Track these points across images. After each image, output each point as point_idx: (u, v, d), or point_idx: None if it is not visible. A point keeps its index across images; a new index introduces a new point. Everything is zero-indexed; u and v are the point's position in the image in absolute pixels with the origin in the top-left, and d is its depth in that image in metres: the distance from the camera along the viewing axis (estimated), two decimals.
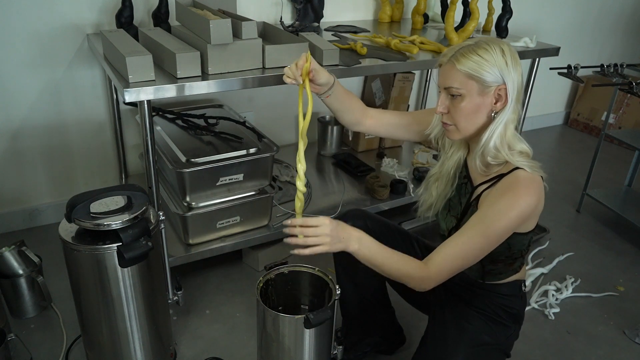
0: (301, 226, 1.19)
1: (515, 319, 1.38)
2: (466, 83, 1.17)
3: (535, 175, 1.19)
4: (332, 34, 2.23)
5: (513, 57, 1.17)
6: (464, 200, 1.33)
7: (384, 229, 1.50)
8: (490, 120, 1.21)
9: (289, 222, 1.20)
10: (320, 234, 1.18)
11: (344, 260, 1.47)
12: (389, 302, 1.64)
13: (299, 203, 1.29)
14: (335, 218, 1.36)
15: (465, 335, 1.29)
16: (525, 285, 1.41)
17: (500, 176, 1.22)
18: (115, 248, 1.29)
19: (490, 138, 1.20)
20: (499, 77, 1.16)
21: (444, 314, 1.38)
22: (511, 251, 1.28)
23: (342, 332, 1.65)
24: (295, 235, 1.20)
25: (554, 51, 2.28)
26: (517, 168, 1.20)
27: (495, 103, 1.19)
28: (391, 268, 1.22)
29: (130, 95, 1.43)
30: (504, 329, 1.35)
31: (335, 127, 2.62)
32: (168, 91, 1.49)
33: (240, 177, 1.87)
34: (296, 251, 1.20)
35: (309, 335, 1.35)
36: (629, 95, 3.03)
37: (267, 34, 1.94)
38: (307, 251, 1.19)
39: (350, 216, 1.48)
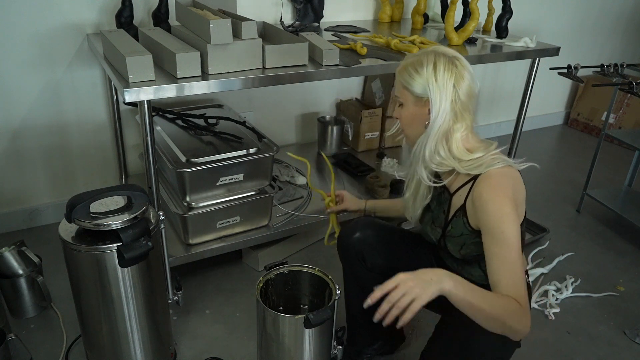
0: (383, 296, 1.09)
1: None
2: (403, 93, 1.25)
3: (505, 168, 1.19)
4: (332, 34, 2.23)
5: (447, 70, 1.18)
6: (445, 208, 1.34)
7: (398, 237, 1.50)
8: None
9: (369, 300, 1.11)
10: (406, 290, 1.07)
11: (349, 264, 1.50)
12: None
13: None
14: (345, 226, 1.45)
15: None
16: (528, 275, 1.42)
17: (475, 178, 1.21)
18: (115, 248, 1.29)
19: (421, 149, 1.24)
20: (426, 90, 1.20)
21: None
22: None
23: (347, 339, 1.64)
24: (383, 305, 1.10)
25: (554, 51, 2.28)
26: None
27: (429, 114, 1.21)
28: (492, 305, 1.09)
29: (130, 95, 1.44)
30: None
31: (335, 127, 2.61)
32: (168, 91, 1.49)
33: (240, 177, 1.86)
34: (400, 323, 1.07)
35: (309, 335, 1.35)
36: (629, 95, 3.03)
37: (267, 34, 1.94)
38: (408, 315, 1.06)
39: (360, 225, 1.47)
